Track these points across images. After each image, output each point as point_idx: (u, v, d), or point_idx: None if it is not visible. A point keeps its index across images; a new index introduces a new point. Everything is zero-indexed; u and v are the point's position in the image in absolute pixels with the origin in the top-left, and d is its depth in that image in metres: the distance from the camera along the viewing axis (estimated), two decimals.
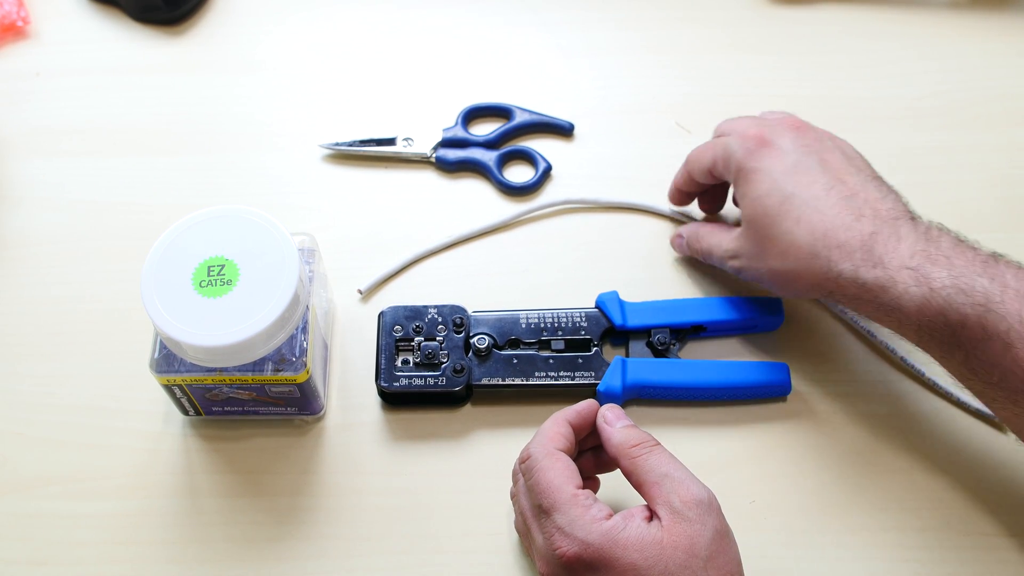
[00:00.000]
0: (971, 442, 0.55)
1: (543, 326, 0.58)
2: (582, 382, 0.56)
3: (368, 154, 0.67)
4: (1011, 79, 0.70)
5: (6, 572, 0.52)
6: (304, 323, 0.52)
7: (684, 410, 0.57)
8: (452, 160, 0.66)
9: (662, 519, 0.44)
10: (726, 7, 0.74)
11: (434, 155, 0.67)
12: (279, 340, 0.50)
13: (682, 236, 0.61)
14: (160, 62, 0.71)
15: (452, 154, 0.66)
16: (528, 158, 0.67)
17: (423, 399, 0.57)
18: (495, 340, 0.57)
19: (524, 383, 0.56)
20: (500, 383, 0.56)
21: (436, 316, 0.57)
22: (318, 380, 0.55)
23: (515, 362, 0.56)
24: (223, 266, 0.49)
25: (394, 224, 0.64)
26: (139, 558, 0.53)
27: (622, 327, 0.58)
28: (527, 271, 0.62)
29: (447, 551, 0.53)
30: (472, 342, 0.57)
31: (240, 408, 0.55)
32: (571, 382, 0.56)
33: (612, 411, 0.50)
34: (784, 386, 0.57)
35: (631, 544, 0.43)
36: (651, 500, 0.45)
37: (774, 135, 0.54)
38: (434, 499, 0.54)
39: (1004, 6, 0.73)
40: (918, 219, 0.51)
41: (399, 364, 0.56)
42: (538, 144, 0.68)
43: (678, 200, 0.63)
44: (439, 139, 0.67)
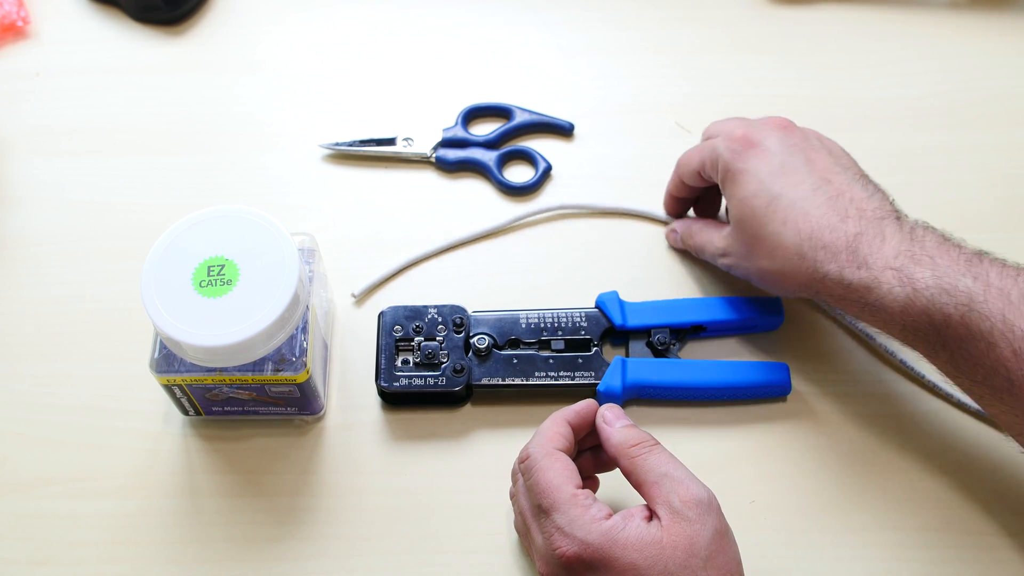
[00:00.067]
0: (971, 442, 0.55)
1: (543, 326, 0.58)
2: (582, 382, 0.56)
3: (368, 154, 0.67)
4: (1011, 79, 0.70)
5: (6, 572, 0.52)
6: (304, 323, 0.52)
7: (684, 410, 0.57)
8: (452, 160, 0.66)
9: (662, 519, 0.44)
10: (726, 7, 0.74)
11: (434, 155, 0.67)
12: (279, 340, 0.50)
13: (676, 231, 0.62)
14: (160, 62, 0.71)
15: (452, 154, 0.66)
16: (528, 158, 0.67)
17: (423, 399, 0.57)
18: (495, 340, 0.57)
19: (524, 383, 0.56)
20: (500, 383, 0.56)
21: (436, 316, 0.57)
22: (318, 380, 0.55)
23: (515, 362, 0.56)
24: (223, 266, 0.49)
25: (394, 224, 0.64)
26: (139, 558, 0.53)
27: (622, 327, 0.58)
28: (527, 271, 0.62)
29: (447, 551, 0.53)
30: (472, 342, 0.57)
31: (240, 408, 0.55)
32: (571, 382, 0.56)
33: (611, 411, 0.50)
34: (784, 386, 0.57)
35: (631, 544, 0.43)
36: (650, 500, 0.45)
37: (761, 136, 0.54)
38: (434, 499, 0.54)
39: (1004, 6, 0.73)
40: (904, 218, 0.51)
41: (399, 364, 0.56)
42: (538, 144, 0.68)
43: (673, 208, 0.63)
44: (439, 139, 0.67)
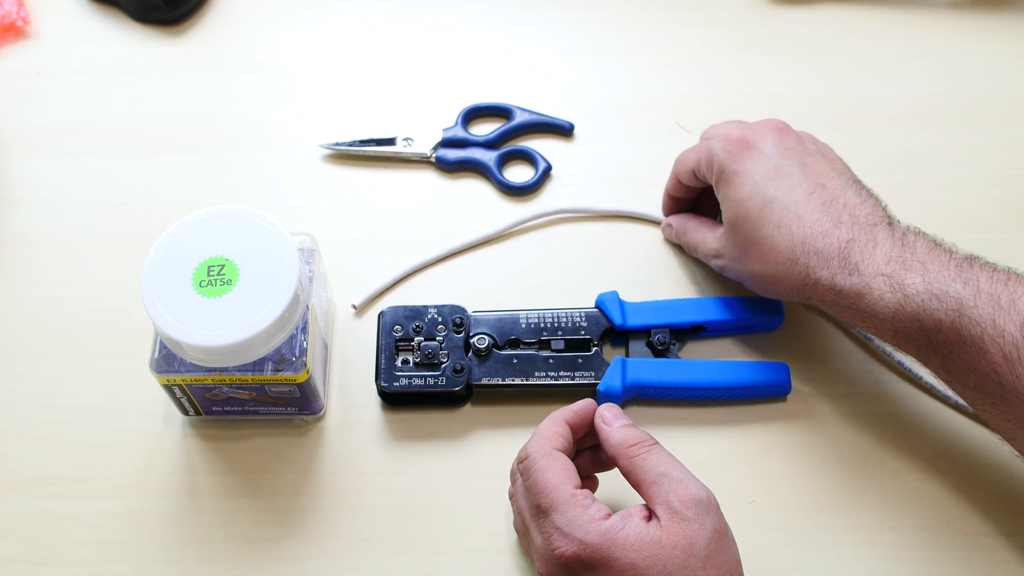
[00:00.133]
0: (969, 443, 0.55)
1: (543, 326, 0.58)
2: (582, 382, 0.56)
3: (368, 154, 0.67)
4: (1011, 79, 0.70)
5: (6, 572, 0.52)
6: (304, 323, 0.52)
7: (684, 410, 0.57)
8: (452, 160, 0.66)
9: (661, 518, 0.44)
10: (726, 7, 0.74)
11: (434, 155, 0.67)
12: (279, 340, 0.50)
13: (672, 226, 0.62)
14: (160, 62, 0.71)
15: (452, 154, 0.66)
16: (528, 158, 0.67)
17: (423, 399, 0.57)
18: (495, 340, 0.57)
19: (524, 383, 0.56)
20: (500, 383, 0.56)
21: (436, 316, 0.57)
22: (318, 380, 0.55)
23: (515, 362, 0.56)
24: (223, 266, 0.49)
25: (394, 224, 0.64)
26: (139, 558, 0.53)
27: (622, 327, 0.58)
28: (527, 271, 0.62)
29: (447, 551, 0.53)
30: (472, 342, 0.57)
31: (240, 408, 0.55)
32: (571, 382, 0.56)
33: (610, 410, 0.50)
34: (784, 386, 0.57)
35: (630, 544, 0.43)
36: (650, 500, 0.45)
37: (756, 137, 0.55)
38: (434, 499, 0.54)
39: (1004, 6, 0.73)
40: (895, 224, 0.51)
41: (399, 364, 0.56)
42: (538, 144, 0.68)
43: (670, 209, 0.63)
44: (439, 139, 0.67)
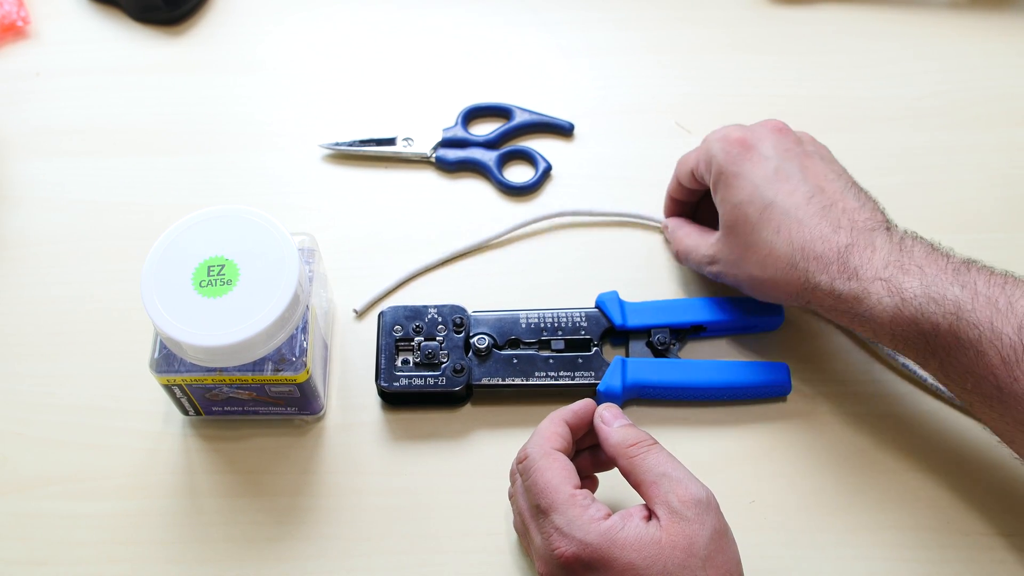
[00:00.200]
0: (969, 443, 0.55)
1: (543, 326, 0.58)
2: (582, 382, 0.56)
3: (368, 154, 0.67)
4: (1011, 79, 0.70)
5: (6, 572, 0.52)
6: (304, 323, 0.52)
7: (684, 410, 0.57)
8: (452, 160, 0.66)
9: (660, 518, 0.44)
10: (726, 7, 0.74)
11: (434, 155, 0.67)
12: (279, 340, 0.50)
13: (667, 227, 0.62)
14: (160, 62, 0.71)
15: (452, 154, 0.66)
16: (528, 158, 0.67)
17: (423, 399, 0.57)
18: (495, 340, 0.57)
19: (524, 383, 0.56)
20: (500, 383, 0.56)
21: (436, 316, 0.57)
22: (318, 380, 0.55)
23: (515, 362, 0.56)
24: (223, 266, 0.49)
25: (394, 224, 0.64)
26: (139, 558, 0.53)
27: (622, 327, 0.58)
28: (527, 271, 0.62)
29: (447, 551, 0.53)
30: (472, 342, 0.57)
31: (240, 408, 0.55)
32: (571, 382, 0.56)
33: (609, 410, 0.49)
34: (784, 386, 0.57)
35: (629, 544, 0.43)
36: (649, 499, 0.45)
37: (756, 139, 0.54)
38: (434, 499, 0.54)
39: (1004, 6, 0.73)
40: (893, 228, 0.51)
41: (399, 364, 0.56)
42: (538, 144, 0.68)
43: (672, 211, 0.62)
44: (439, 139, 0.67)
